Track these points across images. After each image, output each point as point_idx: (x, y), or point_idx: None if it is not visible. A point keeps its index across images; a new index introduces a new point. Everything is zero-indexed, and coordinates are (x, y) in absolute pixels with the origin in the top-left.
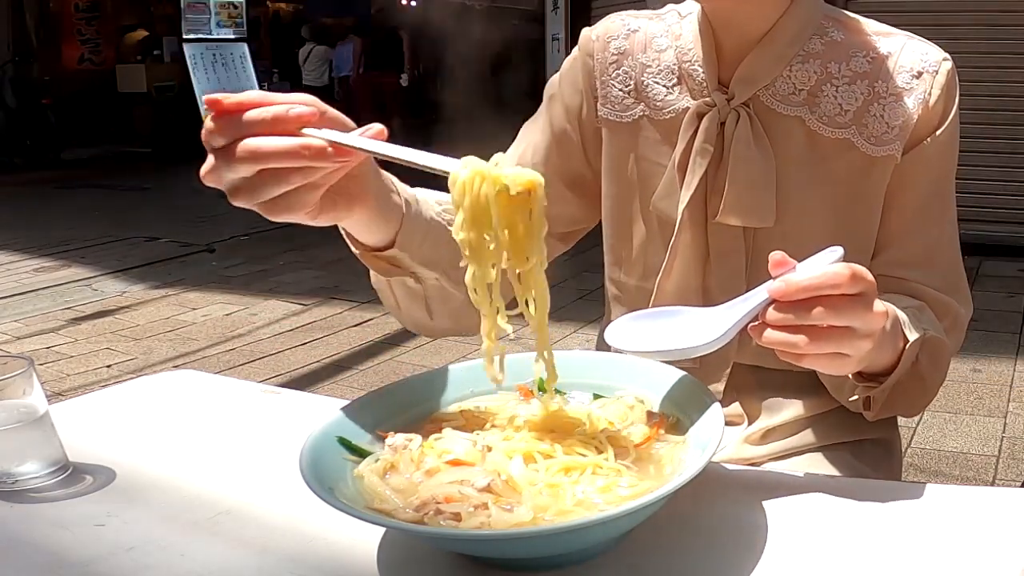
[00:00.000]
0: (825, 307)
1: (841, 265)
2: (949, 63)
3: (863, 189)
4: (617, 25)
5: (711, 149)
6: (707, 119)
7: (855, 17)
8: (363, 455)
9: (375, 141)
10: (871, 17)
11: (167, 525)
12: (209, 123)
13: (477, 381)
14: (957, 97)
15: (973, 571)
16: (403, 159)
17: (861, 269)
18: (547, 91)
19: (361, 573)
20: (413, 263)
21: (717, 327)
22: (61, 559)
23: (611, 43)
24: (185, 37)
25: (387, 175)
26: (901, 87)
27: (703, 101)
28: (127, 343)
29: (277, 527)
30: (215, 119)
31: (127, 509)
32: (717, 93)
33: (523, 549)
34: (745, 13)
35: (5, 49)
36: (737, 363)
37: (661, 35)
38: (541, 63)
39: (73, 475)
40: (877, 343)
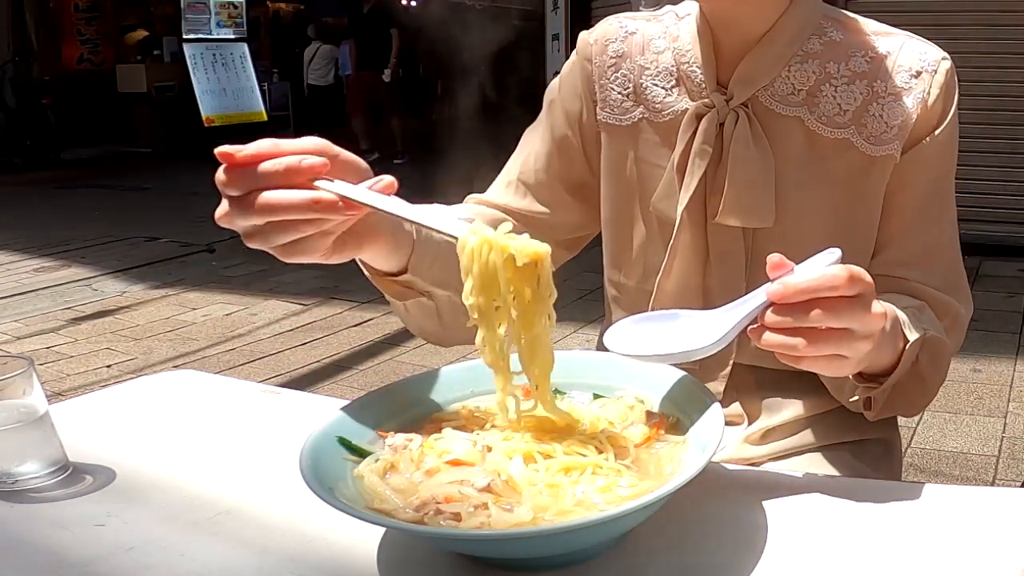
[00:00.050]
0: (823, 309)
1: (839, 267)
2: (948, 62)
3: (862, 189)
4: (614, 28)
5: (710, 150)
6: (706, 120)
7: (854, 17)
8: (363, 455)
9: (385, 198)
10: (871, 17)
11: (167, 525)
12: (221, 175)
13: (477, 381)
14: (956, 96)
15: (973, 571)
16: (412, 219)
17: (859, 271)
18: (547, 97)
19: (361, 573)
20: (426, 284)
21: (716, 330)
22: (61, 559)
23: (609, 46)
24: (185, 37)
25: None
26: (900, 87)
27: (702, 102)
28: (127, 343)
29: (277, 527)
30: (227, 171)
31: (127, 509)
32: (716, 94)
33: (523, 549)
34: (744, 13)
35: (5, 49)
36: (737, 363)
37: (659, 37)
38: (541, 63)
39: (73, 475)
40: (876, 344)
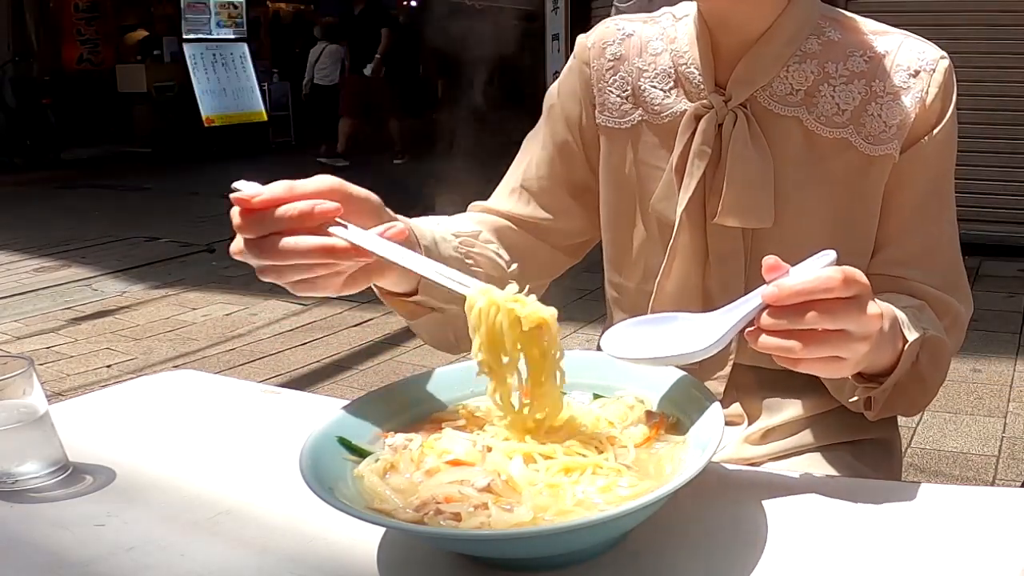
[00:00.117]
0: (819, 311)
1: (834, 269)
2: (946, 61)
3: (861, 188)
4: (612, 30)
5: (709, 151)
6: (704, 121)
7: (852, 16)
8: (363, 455)
9: (395, 247)
10: (871, 17)
11: (167, 525)
12: (237, 218)
13: (477, 381)
14: (955, 96)
15: (973, 571)
16: (422, 272)
17: (854, 272)
18: (546, 102)
19: (361, 573)
20: (437, 302)
21: (712, 333)
22: (61, 559)
23: (607, 49)
24: (185, 37)
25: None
26: (898, 86)
27: (700, 103)
28: (127, 343)
29: (277, 527)
30: (243, 215)
31: (127, 509)
32: (714, 95)
33: (523, 549)
34: (742, 13)
35: (5, 49)
36: (737, 363)
37: (656, 38)
38: (541, 62)
39: (73, 475)
40: (875, 344)
